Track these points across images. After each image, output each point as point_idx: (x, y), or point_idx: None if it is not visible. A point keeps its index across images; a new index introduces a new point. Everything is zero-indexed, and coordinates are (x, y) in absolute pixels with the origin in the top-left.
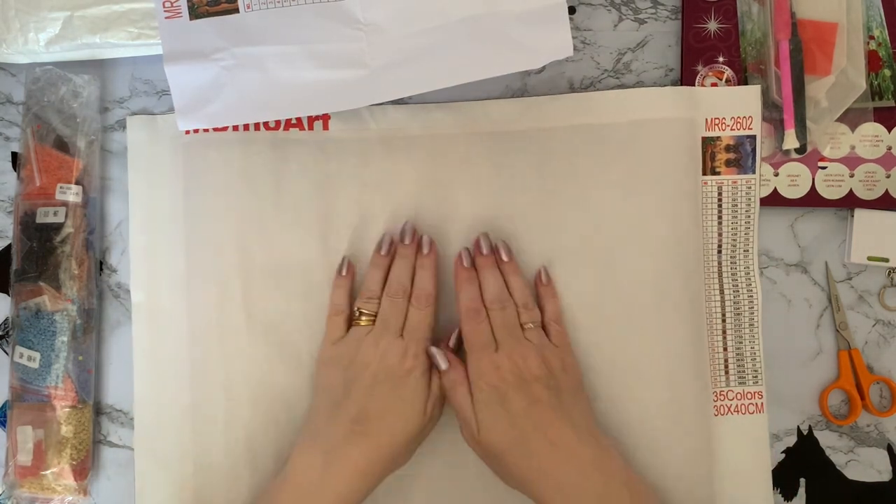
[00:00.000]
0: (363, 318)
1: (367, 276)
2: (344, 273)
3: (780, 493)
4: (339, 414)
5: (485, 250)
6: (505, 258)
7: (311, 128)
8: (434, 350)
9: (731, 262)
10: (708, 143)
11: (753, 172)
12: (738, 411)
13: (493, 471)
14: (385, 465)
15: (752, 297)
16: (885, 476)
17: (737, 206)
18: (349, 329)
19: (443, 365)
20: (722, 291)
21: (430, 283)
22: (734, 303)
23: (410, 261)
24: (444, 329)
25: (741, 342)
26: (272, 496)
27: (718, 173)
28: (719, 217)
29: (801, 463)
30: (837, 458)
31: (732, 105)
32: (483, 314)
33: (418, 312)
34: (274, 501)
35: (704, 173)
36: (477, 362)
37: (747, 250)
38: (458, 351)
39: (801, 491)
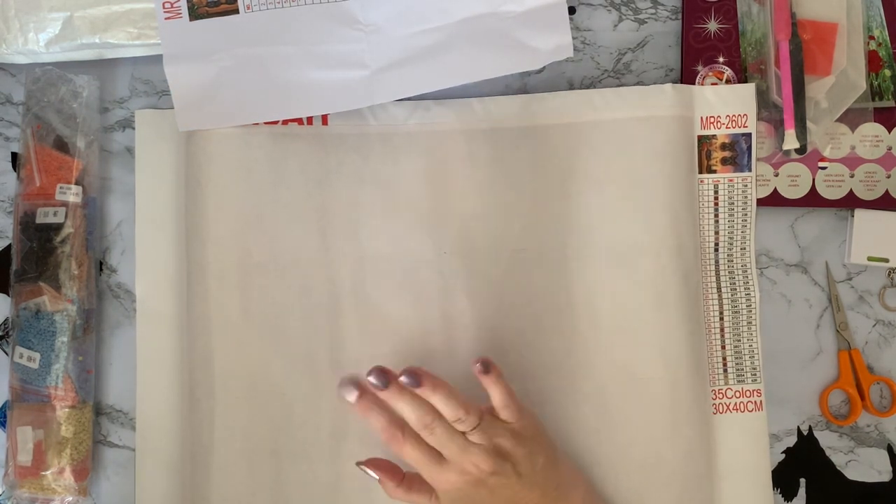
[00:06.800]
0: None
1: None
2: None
3: (780, 493)
4: None
5: (380, 383)
6: (411, 381)
7: (310, 123)
8: (364, 468)
9: (729, 261)
10: (703, 142)
11: (749, 170)
12: (737, 409)
13: None
14: None
15: (749, 294)
16: (885, 476)
17: (733, 204)
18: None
19: (376, 476)
20: (720, 289)
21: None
22: (732, 301)
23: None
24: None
25: (739, 340)
26: None
27: (714, 172)
28: (716, 215)
29: (801, 463)
30: (837, 459)
31: (727, 103)
32: (400, 436)
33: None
34: None
35: (700, 172)
36: (429, 478)
37: (745, 248)
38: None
39: (801, 491)
